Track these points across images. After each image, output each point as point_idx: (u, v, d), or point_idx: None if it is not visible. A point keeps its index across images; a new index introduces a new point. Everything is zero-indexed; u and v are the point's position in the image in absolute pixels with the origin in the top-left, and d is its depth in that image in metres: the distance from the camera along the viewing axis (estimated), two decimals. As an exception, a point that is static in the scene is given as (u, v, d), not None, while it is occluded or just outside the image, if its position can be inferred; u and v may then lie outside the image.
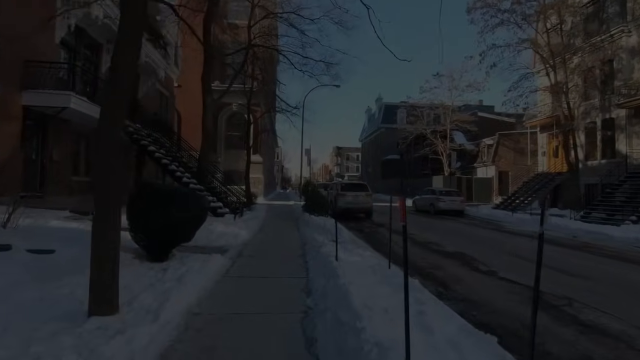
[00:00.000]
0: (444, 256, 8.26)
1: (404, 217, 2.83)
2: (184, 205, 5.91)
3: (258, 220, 12.68)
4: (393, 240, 9.62)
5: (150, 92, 17.50)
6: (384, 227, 13.53)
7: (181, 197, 6.00)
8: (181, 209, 5.83)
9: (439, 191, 20.32)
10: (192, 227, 6.28)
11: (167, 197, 5.79)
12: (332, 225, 11.33)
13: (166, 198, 5.77)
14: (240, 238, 8.77)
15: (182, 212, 5.82)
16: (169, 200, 5.75)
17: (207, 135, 14.14)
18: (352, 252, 7.04)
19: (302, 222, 12.65)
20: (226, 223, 10.68)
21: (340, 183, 16.42)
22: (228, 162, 27.86)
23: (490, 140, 32.59)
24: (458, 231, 12.95)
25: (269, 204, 24.50)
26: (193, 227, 6.28)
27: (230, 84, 16.31)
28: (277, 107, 23.70)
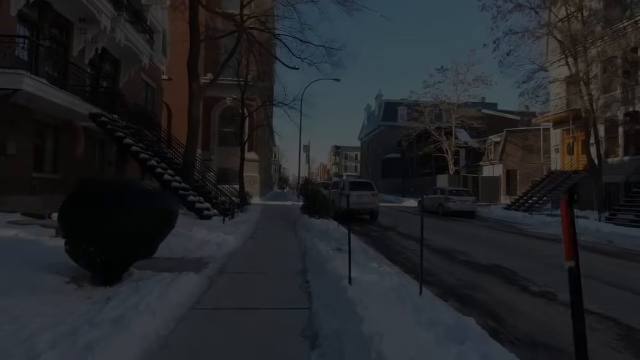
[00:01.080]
0: (477, 270, 6.71)
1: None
2: (143, 208, 4.34)
3: (250, 224, 11.11)
4: (408, 248, 8.04)
5: (133, 81, 15.88)
6: (393, 231, 11.99)
7: (138, 197, 4.42)
8: (139, 213, 4.27)
9: (448, 191, 18.80)
10: (155, 237, 4.70)
11: (116, 198, 4.21)
12: (335, 230, 9.78)
13: (115, 198, 4.20)
14: (226, 247, 7.19)
15: (140, 216, 4.26)
16: (119, 201, 4.18)
17: (193, 127, 12.56)
18: (365, 267, 5.48)
19: (301, 225, 11.08)
20: (212, 227, 9.10)
21: (343, 181, 14.84)
22: (222, 159, 26.26)
23: (497, 138, 31.15)
24: (478, 236, 11.41)
25: (265, 204, 22.92)
26: (156, 236, 4.70)
27: (221, 68, 14.71)
28: (273, 101, 22.10)
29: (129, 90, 15.18)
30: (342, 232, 9.49)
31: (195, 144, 12.71)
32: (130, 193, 4.40)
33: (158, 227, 4.60)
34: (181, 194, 10.88)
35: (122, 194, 4.32)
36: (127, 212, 4.13)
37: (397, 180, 40.69)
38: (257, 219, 13.10)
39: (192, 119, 12.49)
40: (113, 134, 10.78)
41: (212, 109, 26.54)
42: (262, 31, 15.84)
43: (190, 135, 12.57)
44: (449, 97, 31.09)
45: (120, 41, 13.03)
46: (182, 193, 10.92)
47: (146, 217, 4.34)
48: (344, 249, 8.20)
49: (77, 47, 11.91)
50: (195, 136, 12.63)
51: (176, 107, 25.70)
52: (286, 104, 20.81)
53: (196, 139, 12.71)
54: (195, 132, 12.67)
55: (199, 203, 11.06)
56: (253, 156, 26.59)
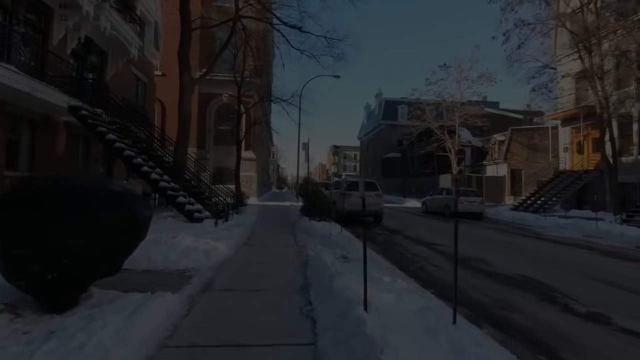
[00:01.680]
0: (505, 283, 5.80)
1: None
2: (104, 213, 3.42)
3: (245, 227, 10.18)
4: (420, 255, 7.19)
5: (121, 75, 14.91)
6: (400, 235, 11.07)
7: (98, 199, 3.48)
8: (98, 219, 3.34)
9: (454, 191, 17.88)
10: (119, 249, 3.76)
11: (67, 200, 3.28)
12: (339, 235, 8.84)
13: (66, 201, 3.27)
14: (215, 256, 6.26)
15: (99, 224, 3.33)
16: (72, 205, 3.25)
17: (184, 123, 11.63)
18: (378, 283, 4.56)
19: (301, 229, 10.16)
20: (202, 232, 8.17)
21: (346, 181, 13.93)
22: (218, 159, 25.29)
23: (502, 136, 30.30)
24: (493, 240, 10.51)
25: (263, 205, 21.98)
26: (120, 248, 3.76)
27: (215, 59, 13.76)
28: (271, 97, 21.16)
29: (117, 84, 14.22)
30: (346, 237, 8.59)
31: (186, 141, 11.77)
32: (86, 194, 3.46)
33: (124, 236, 3.66)
34: (169, 195, 9.96)
35: (75, 195, 3.38)
36: (82, 219, 3.20)
37: (398, 180, 39.80)
38: (253, 221, 12.17)
39: (183, 114, 11.56)
40: (94, 129, 9.83)
41: (208, 106, 25.57)
42: (258, 20, 14.89)
43: (180, 131, 11.65)
44: (452, 95, 30.21)
45: (106, 29, 12.06)
46: (171, 194, 9.99)
47: (107, 224, 3.41)
48: (350, 257, 7.30)
49: (57, 35, 10.93)
50: (186, 132, 11.70)
51: (171, 104, 24.72)
52: (284, 100, 19.91)
53: (187, 135, 11.78)
54: (187, 127, 11.74)
55: (189, 205, 10.12)
56: (250, 155, 25.64)
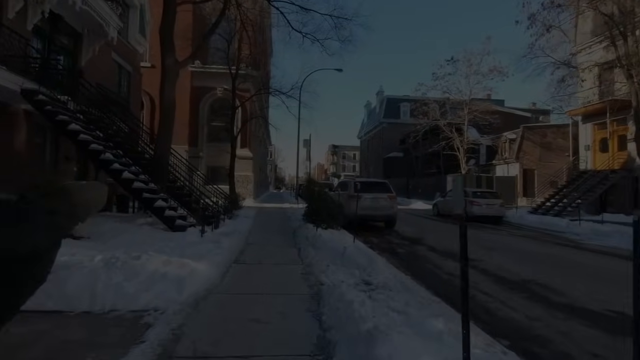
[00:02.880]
0: (594, 322, 4.09)
1: None
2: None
3: (238, 237, 8.44)
4: (472, 284, 5.12)
5: (99, 60, 13.13)
6: (422, 245, 9.34)
7: None
8: None
9: (472, 192, 16.24)
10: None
11: None
12: (354, 250, 7.08)
13: None
14: (192, 285, 4.52)
15: None
16: None
17: (167, 114, 9.89)
18: (427, 330, 2.84)
19: (305, 239, 8.43)
20: (181, 246, 6.43)
21: (354, 182, 12.21)
22: (212, 157, 23.53)
23: (513, 134, 28.68)
24: (534, 253, 8.82)
25: (260, 207, 20.24)
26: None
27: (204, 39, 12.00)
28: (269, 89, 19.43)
29: (94, 71, 12.46)
30: (363, 252, 6.88)
31: (169, 134, 10.02)
32: None
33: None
34: (146, 198, 8.21)
35: None
36: None
37: (401, 180, 38.13)
38: (248, 228, 10.43)
39: (166, 102, 9.82)
40: (54, 117, 8.05)
41: (201, 101, 23.80)
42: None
43: (163, 122, 9.91)
44: (461, 90, 28.57)
45: (76, 4, 10.30)
46: (148, 197, 8.24)
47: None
48: (375, 283, 5.55)
49: (14, 6, 9.17)
50: (169, 124, 9.95)
51: (160, 99, 23.00)
52: (284, 92, 18.18)
53: (170, 128, 10.02)
54: (170, 119, 9.98)
55: (170, 210, 8.37)
56: (246, 153, 23.89)
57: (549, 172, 27.77)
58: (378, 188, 11.83)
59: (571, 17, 20.93)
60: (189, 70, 23.53)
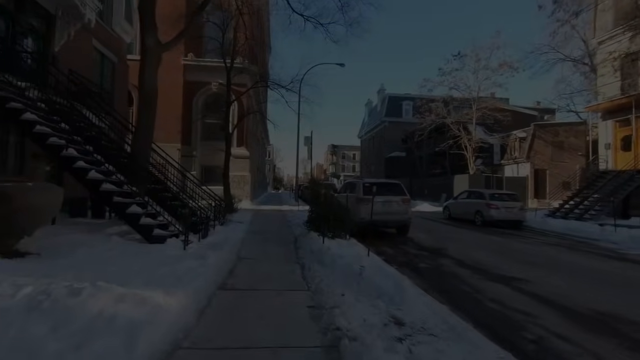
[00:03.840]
0: None
1: None
2: None
3: (229, 249, 7.03)
4: (515, 308, 3.84)
5: (77, 46, 11.70)
6: (446, 257, 7.93)
7: None
8: None
9: (489, 194, 14.85)
10: None
11: None
12: (373, 269, 5.61)
13: None
14: (150, 334, 3.09)
15: None
16: None
17: (148, 103, 8.47)
18: None
19: (310, 253, 7.02)
20: (152, 265, 5.03)
21: (363, 183, 10.81)
22: (206, 156, 22.13)
23: (523, 133, 27.35)
24: (580, 268, 7.44)
25: (257, 209, 18.83)
26: None
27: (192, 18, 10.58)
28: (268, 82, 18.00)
29: (70, 58, 11.04)
30: (383, 271, 5.48)
31: (150, 128, 8.59)
32: None
33: None
34: (117, 203, 6.78)
35: None
36: None
37: (404, 181, 36.37)
38: (241, 237, 9.02)
39: (145, 90, 8.40)
40: (3, 104, 6.62)
41: (195, 96, 22.37)
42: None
43: (142, 114, 8.48)
44: (469, 87, 27.21)
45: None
46: (119, 201, 6.82)
47: None
48: (410, 323, 4.09)
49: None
50: (149, 115, 8.52)
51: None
52: (283, 86, 16.76)
53: (151, 119, 8.59)
54: (151, 109, 8.56)
55: (147, 217, 6.95)
56: (243, 152, 22.48)
57: (561, 173, 26.50)
58: (390, 190, 10.43)
59: (588, 8, 19.60)
60: (182, 63, 22.12)
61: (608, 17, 18.62)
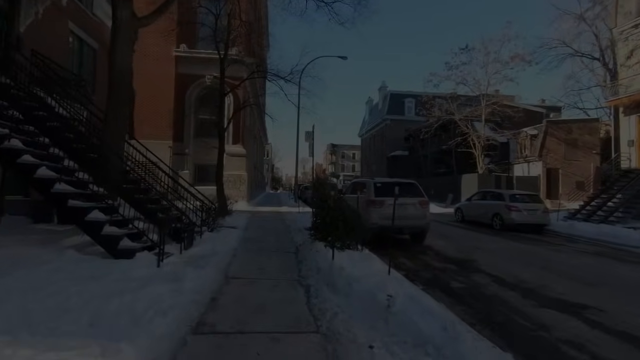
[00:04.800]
0: None
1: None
2: None
3: (215, 265, 5.64)
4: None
5: (47, 28, 10.29)
6: (479, 272, 6.53)
7: None
8: None
9: (509, 195, 13.49)
10: None
11: None
12: (407, 300, 4.20)
13: None
14: None
15: None
16: None
17: (119, 85, 7.08)
18: None
19: (314, 269, 5.64)
20: (103, 295, 3.65)
21: (374, 183, 9.43)
22: (199, 154, 20.70)
23: (534, 130, 26.03)
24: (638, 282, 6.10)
25: (254, 211, 17.45)
26: None
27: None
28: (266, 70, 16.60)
29: (38, 41, 9.63)
30: (418, 301, 4.11)
31: (122, 117, 7.20)
32: None
33: None
34: (73, 207, 5.39)
35: None
36: None
37: (408, 181, 35.40)
38: (233, 246, 7.64)
39: (117, 71, 7.00)
40: None
41: (188, 90, 20.95)
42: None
43: (113, 100, 7.08)
44: (478, 81, 25.87)
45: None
46: (76, 205, 5.43)
47: None
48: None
49: None
50: (121, 100, 7.12)
51: (144, 90, 20.08)
52: (282, 77, 15.37)
53: (124, 108, 7.19)
54: (122, 95, 7.16)
55: (111, 225, 5.55)
56: (239, 150, 21.09)
57: (575, 172, 25.21)
58: (405, 191, 9.04)
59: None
60: (173, 55, 20.71)
61: (632, 4, 17.33)
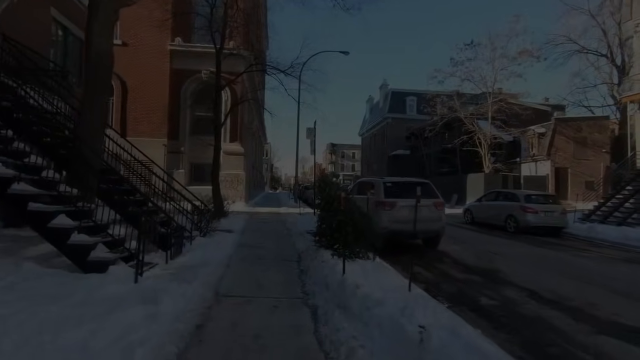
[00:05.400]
0: None
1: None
2: None
3: (204, 279, 4.77)
4: None
5: (27, 14, 9.40)
6: (503, 282, 5.64)
7: None
8: None
9: (524, 196, 12.63)
10: None
11: None
12: (447, 336, 3.41)
13: None
14: None
15: None
16: None
17: (96, 72, 6.19)
18: None
19: (322, 285, 4.77)
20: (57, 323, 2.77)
21: (384, 182, 8.56)
22: (195, 152, 19.75)
23: (542, 129, 25.21)
24: None
25: (252, 212, 16.60)
26: None
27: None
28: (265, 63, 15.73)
29: (16, 27, 8.75)
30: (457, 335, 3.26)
31: (100, 107, 6.31)
32: None
33: None
34: (34, 212, 4.52)
35: None
36: None
37: (410, 181, 34.53)
38: (226, 254, 6.77)
39: (94, 54, 6.11)
40: None
41: (183, 86, 20.04)
42: None
43: (89, 87, 6.20)
44: (484, 77, 25.05)
45: None
46: (37, 209, 4.56)
47: None
48: None
49: None
50: (99, 89, 6.24)
51: (136, 82, 19.24)
52: (282, 70, 14.50)
53: (102, 96, 6.31)
54: (101, 81, 6.27)
55: (80, 232, 4.68)
56: (237, 148, 20.21)
57: (584, 171, 24.39)
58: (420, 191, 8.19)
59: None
60: (168, 49, 19.80)
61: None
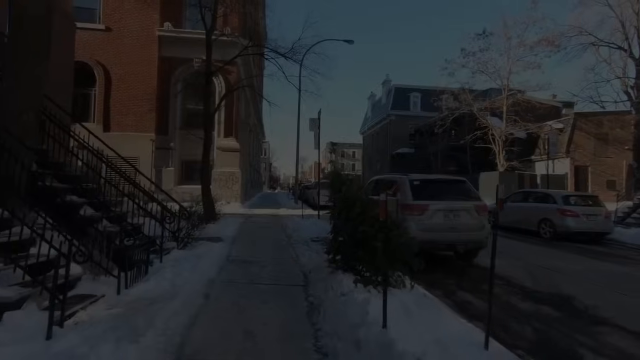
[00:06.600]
0: None
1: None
2: None
3: (166, 328, 3.06)
4: None
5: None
6: (598, 322, 3.87)
7: None
8: None
9: (562, 197, 10.95)
10: None
11: None
12: None
13: None
14: None
15: None
16: None
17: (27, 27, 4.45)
18: None
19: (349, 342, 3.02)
20: None
21: (410, 181, 6.82)
22: (186, 148, 17.95)
23: (560, 124, 23.55)
24: None
25: (248, 214, 14.87)
26: None
27: None
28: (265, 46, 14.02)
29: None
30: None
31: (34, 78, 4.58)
32: None
33: None
34: None
35: None
36: None
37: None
38: (207, 277, 5.05)
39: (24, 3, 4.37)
40: None
41: (173, 76, 18.26)
42: None
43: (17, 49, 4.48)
44: (498, 69, 23.39)
45: None
46: None
47: None
48: None
49: None
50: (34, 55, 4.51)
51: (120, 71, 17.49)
52: (281, 53, 12.79)
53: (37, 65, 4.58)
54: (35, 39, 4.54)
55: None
56: (232, 143, 18.49)
57: (606, 170, 22.76)
58: (454, 192, 6.52)
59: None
60: (157, 35, 18.04)
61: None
